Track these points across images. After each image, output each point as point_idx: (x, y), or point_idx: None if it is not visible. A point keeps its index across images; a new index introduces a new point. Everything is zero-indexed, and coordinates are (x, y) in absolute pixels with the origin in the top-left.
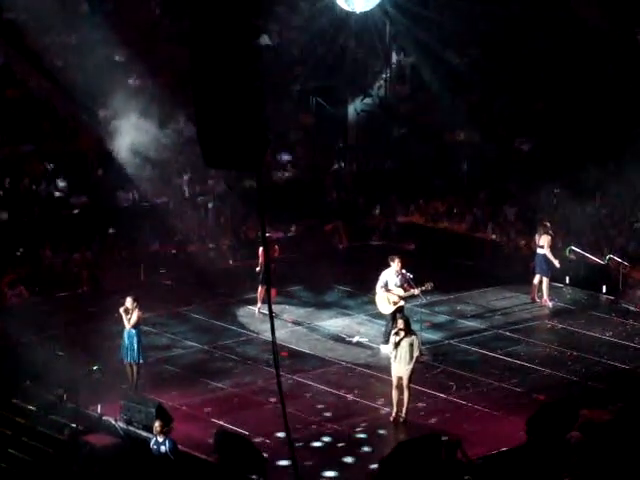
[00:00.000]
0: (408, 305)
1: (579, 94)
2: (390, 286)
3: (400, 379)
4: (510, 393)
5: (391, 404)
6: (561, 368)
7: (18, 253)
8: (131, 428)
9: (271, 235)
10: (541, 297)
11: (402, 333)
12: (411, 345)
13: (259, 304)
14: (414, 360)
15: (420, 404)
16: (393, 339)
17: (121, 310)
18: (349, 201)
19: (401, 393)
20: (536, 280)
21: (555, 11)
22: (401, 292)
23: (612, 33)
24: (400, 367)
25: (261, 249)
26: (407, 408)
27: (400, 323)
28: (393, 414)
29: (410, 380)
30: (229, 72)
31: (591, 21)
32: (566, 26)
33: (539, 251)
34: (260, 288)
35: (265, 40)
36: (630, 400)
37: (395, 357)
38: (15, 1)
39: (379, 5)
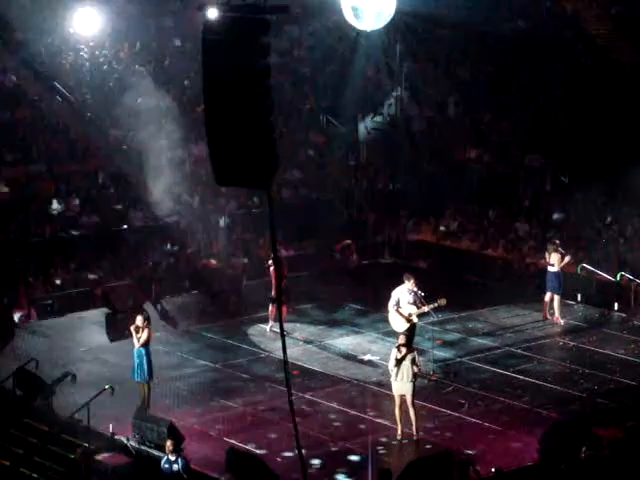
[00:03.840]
0: (420, 323)
1: (589, 111)
2: (402, 304)
3: (403, 397)
4: (522, 411)
5: (396, 423)
6: (573, 386)
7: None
8: (143, 447)
9: (281, 253)
10: (552, 315)
11: (404, 349)
12: (413, 361)
13: (271, 322)
14: (416, 376)
15: (432, 422)
16: (394, 355)
17: (131, 328)
18: (360, 219)
19: (405, 411)
20: (547, 298)
21: (565, 29)
22: (413, 309)
23: (622, 50)
24: (402, 385)
25: (272, 268)
26: (417, 426)
27: (401, 339)
28: (399, 432)
29: (413, 397)
30: (240, 91)
31: (601, 39)
32: (576, 44)
33: (550, 269)
34: (271, 306)
35: (275, 59)
36: None
37: (397, 375)
38: (27, 22)
39: (390, 23)
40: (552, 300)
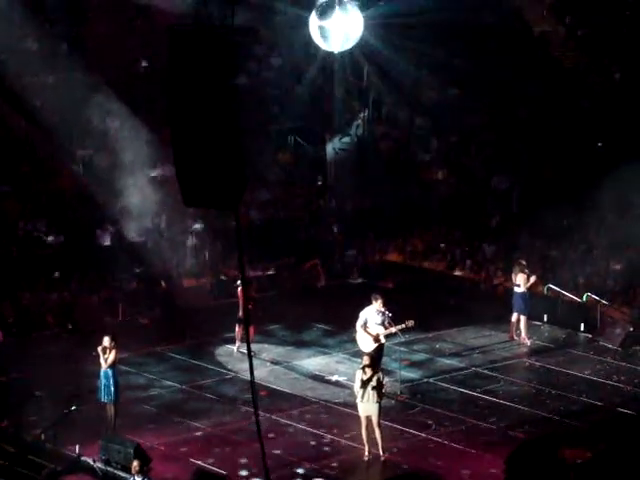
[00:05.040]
0: (387, 343)
1: (557, 132)
2: (370, 324)
3: (369, 418)
4: (489, 431)
5: (363, 443)
6: (540, 406)
7: None
8: (109, 468)
9: (249, 273)
10: (519, 335)
11: (369, 370)
12: (378, 381)
13: (238, 343)
14: (381, 397)
15: (399, 443)
16: (360, 376)
17: (99, 349)
18: (327, 239)
19: (372, 432)
20: (514, 318)
21: (532, 51)
22: (381, 330)
23: (589, 72)
24: (368, 406)
25: (239, 288)
26: (383, 447)
27: (365, 360)
28: (366, 453)
29: (379, 418)
30: (207, 111)
31: (567, 60)
32: (543, 66)
33: (516, 289)
34: (238, 327)
35: (243, 80)
36: (609, 438)
37: (362, 396)
38: None
39: (357, 45)
40: (519, 321)
